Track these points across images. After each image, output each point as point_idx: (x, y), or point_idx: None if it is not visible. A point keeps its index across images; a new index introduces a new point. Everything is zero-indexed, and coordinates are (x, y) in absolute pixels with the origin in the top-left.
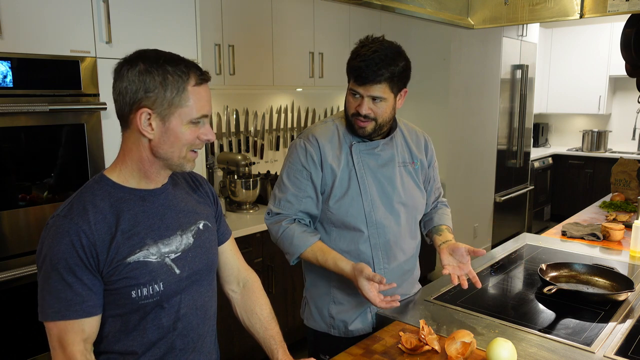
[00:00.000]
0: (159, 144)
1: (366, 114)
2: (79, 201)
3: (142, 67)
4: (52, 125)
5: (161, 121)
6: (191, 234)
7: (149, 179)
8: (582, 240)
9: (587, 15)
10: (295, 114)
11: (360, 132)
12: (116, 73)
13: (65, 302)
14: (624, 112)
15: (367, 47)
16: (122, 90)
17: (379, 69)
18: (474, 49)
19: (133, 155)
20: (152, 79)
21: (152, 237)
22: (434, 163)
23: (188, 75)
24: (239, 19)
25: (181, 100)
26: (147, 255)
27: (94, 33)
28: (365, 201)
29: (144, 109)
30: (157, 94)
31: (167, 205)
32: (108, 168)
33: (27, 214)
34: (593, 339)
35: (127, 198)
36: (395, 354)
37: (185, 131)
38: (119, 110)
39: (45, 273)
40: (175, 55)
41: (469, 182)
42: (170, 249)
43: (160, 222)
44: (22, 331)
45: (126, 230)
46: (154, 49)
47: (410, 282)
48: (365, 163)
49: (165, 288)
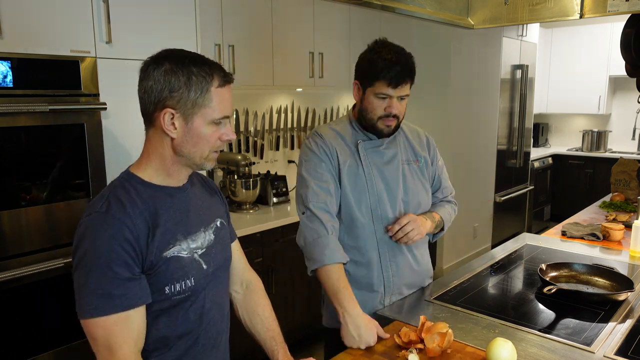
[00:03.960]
0: (182, 143)
1: (396, 113)
2: (115, 197)
3: (167, 66)
4: (52, 125)
5: (184, 121)
6: (212, 230)
7: (171, 177)
8: (582, 240)
9: (587, 15)
10: (295, 114)
11: (386, 132)
12: (142, 72)
13: (110, 297)
14: (624, 112)
15: (385, 51)
16: (147, 88)
17: (409, 70)
18: (474, 49)
19: (157, 153)
20: (177, 79)
21: (182, 233)
22: (438, 161)
23: (212, 76)
24: (239, 19)
25: (204, 100)
26: (179, 250)
27: (94, 33)
28: (371, 197)
29: (168, 108)
30: (181, 94)
31: (190, 202)
32: (133, 165)
33: (27, 214)
34: (593, 339)
35: (156, 195)
36: (395, 352)
37: (207, 131)
38: (143, 108)
39: (86, 269)
40: (200, 56)
41: (469, 182)
42: (197, 244)
43: (187, 219)
44: (22, 331)
45: (160, 225)
46: (180, 49)
47: (419, 276)
48: (372, 160)
49: (196, 283)
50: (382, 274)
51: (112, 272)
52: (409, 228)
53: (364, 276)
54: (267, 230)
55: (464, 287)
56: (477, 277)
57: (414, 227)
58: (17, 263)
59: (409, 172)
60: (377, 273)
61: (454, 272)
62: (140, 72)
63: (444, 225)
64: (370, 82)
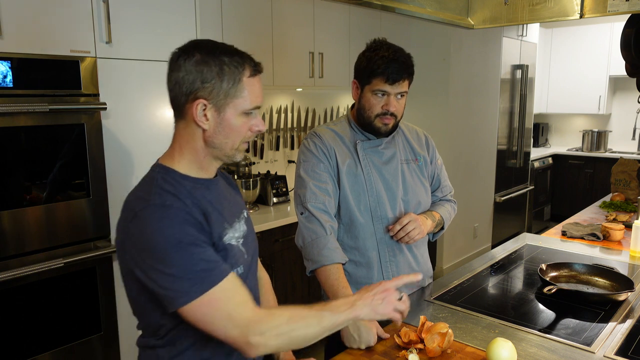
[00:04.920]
0: (213, 135)
1: (394, 111)
2: (162, 190)
3: (198, 57)
4: (52, 125)
5: (216, 112)
6: (243, 221)
7: (203, 169)
8: (582, 240)
9: (587, 15)
10: (295, 114)
11: (384, 130)
12: (172, 63)
13: (206, 271)
14: (624, 112)
15: (384, 49)
16: (178, 80)
17: (407, 67)
18: (474, 49)
19: (189, 146)
20: (210, 69)
21: (227, 222)
22: (437, 160)
23: (243, 66)
24: (239, 19)
25: (236, 91)
26: (230, 238)
27: (94, 33)
28: (370, 197)
29: (200, 99)
30: (213, 85)
31: (223, 194)
32: (164, 159)
33: (27, 214)
34: (593, 339)
35: (196, 187)
36: (395, 352)
37: (238, 122)
38: (174, 99)
39: (168, 259)
40: (229, 46)
41: (469, 182)
42: (238, 233)
43: (225, 209)
44: (22, 331)
45: (210, 213)
46: (208, 39)
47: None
48: (370, 160)
49: (244, 271)
50: (382, 274)
51: (198, 249)
52: (410, 227)
53: (364, 276)
54: (267, 230)
55: (464, 287)
56: (477, 277)
57: (415, 226)
58: (17, 263)
59: (408, 171)
60: (377, 273)
61: (454, 272)
62: (170, 63)
63: (444, 224)
64: (367, 80)
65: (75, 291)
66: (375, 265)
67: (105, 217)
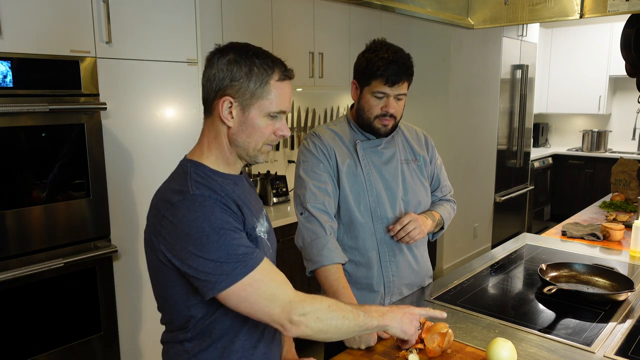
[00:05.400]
0: (237, 133)
1: (393, 112)
2: (197, 182)
3: (231, 56)
4: (52, 125)
5: (241, 110)
6: (265, 218)
7: (230, 166)
8: (582, 240)
9: (587, 15)
10: (295, 114)
11: (383, 131)
12: (208, 60)
13: (247, 254)
14: (624, 112)
15: (383, 50)
16: (210, 76)
17: (407, 69)
18: (474, 49)
19: (216, 143)
20: (239, 68)
21: (255, 216)
22: (437, 160)
23: (273, 69)
24: (239, 19)
25: (263, 92)
26: (259, 231)
27: (94, 33)
28: (370, 197)
29: (227, 97)
30: (241, 84)
31: (249, 190)
32: (192, 154)
33: (27, 214)
34: (593, 339)
35: (225, 182)
36: (395, 353)
37: (262, 123)
38: (205, 95)
39: (207, 244)
40: (263, 50)
41: (469, 182)
42: (264, 228)
43: (252, 204)
44: (22, 331)
45: (242, 206)
46: (245, 42)
47: (419, 276)
48: (370, 160)
49: None
50: (382, 274)
51: (238, 235)
52: (411, 227)
53: (364, 276)
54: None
55: (464, 287)
56: (477, 277)
57: (416, 226)
58: (17, 263)
59: (408, 171)
60: (377, 273)
61: (454, 272)
62: (206, 61)
63: (443, 224)
64: (367, 81)
65: (75, 291)
66: (375, 265)
67: (105, 217)
